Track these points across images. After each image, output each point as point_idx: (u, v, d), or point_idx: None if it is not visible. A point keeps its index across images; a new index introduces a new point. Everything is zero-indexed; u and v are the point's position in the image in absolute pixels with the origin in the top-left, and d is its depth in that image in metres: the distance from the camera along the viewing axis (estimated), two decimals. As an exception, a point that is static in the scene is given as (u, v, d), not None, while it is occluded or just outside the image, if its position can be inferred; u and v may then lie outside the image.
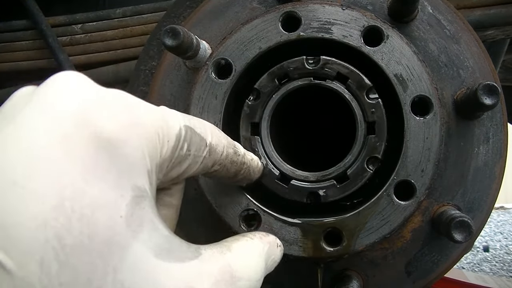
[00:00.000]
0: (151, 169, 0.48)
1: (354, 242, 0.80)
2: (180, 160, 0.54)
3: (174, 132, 0.52)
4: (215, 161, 0.61)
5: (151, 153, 0.48)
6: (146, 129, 0.48)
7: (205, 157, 0.58)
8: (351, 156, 0.81)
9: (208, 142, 0.58)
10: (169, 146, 0.51)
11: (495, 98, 0.76)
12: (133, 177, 0.45)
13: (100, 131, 0.44)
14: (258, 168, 0.75)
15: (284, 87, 0.83)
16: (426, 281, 0.88)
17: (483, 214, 0.87)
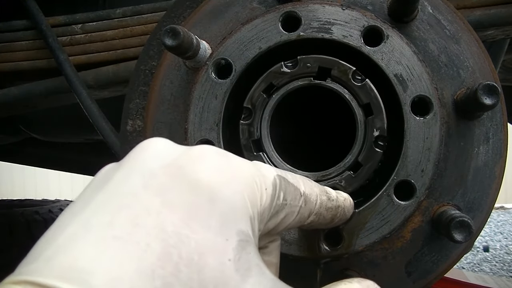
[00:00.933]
0: (253, 215, 0.48)
1: (354, 242, 0.80)
2: (277, 210, 0.53)
3: (271, 180, 0.52)
4: (311, 211, 0.60)
5: (251, 200, 0.48)
6: (244, 177, 0.48)
7: (301, 206, 0.57)
8: (351, 156, 0.81)
9: (302, 191, 0.57)
10: (267, 194, 0.50)
11: (495, 98, 0.76)
12: (236, 221, 0.45)
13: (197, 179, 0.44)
14: (351, 205, 0.73)
15: (284, 87, 0.83)
16: (426, 281, 0.87)
17: (483, 214, 0.87)
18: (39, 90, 1.42)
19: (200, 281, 0.40)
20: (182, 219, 0.42)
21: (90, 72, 1.38)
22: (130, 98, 1.02)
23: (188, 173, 0.45)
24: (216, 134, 0.84)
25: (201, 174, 0.45)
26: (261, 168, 0.53)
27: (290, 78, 0.82)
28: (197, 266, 0.40)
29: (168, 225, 0.41)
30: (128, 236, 0.39)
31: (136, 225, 0.40)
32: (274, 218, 0.53)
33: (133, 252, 0.39)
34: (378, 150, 0.80)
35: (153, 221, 0.41)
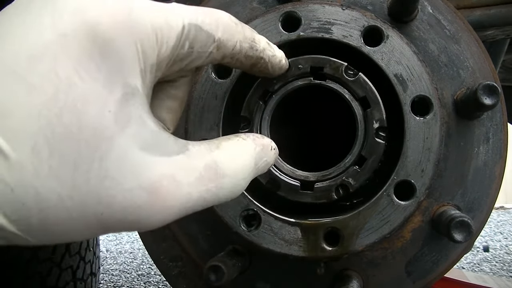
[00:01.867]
0: (144, 68, 0.49)
1: (354, 242, 0.80)
2: (181, 58, 0.54)
3: (175, 32, 0.52)
4: (225, 55, 0.60)
5: (146, 53, 0.49)
6: (143, 29, 0.48)
7: (211, 52, 0.57)
8: (351, 156, 0.81)
9: (217, 37, 0.57)
10: (168, 46, 0.51)
11: (495, 98, 0.76)
12: (124, 75, 0.47)
13: (96, 28, 0.45)
14: (279, 65, 0.72)
15: (284, 87, 0.83)
16: (426, 281, 0.88)
17: (483, 214, 0.87)
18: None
19: (79, 127, 0.43)
20: (75, 67, 0.44)
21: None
22: (130, 98, 1.02)
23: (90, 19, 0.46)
24: (216, 134, 0.84)
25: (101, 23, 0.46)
26: (171, 16, 0.52)
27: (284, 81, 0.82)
28: (78, 112, 0.44)
29: (61, 71, 0.44)
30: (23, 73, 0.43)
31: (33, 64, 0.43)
32: (177, 63, 0.54)
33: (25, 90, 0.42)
34: (380, 141, 0.80)
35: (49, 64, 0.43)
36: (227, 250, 0.86)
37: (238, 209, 0.81)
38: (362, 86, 0.80)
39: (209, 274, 0.77)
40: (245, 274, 0.88)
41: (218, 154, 0.55)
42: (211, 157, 0.54)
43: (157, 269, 3.38)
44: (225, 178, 0.55)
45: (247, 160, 0.60)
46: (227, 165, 0.56)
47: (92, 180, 0.44)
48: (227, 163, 0.56)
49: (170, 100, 0.62)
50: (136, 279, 4.88)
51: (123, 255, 6.10)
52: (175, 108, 0.63)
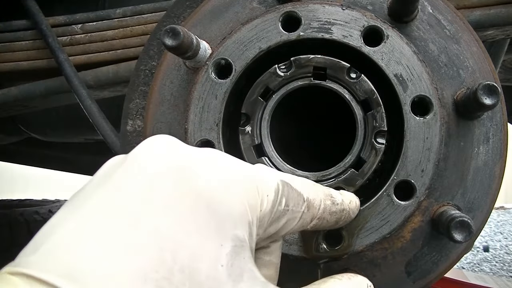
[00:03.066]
0: (252, 221, 0.48)
1: (354, 242, 0.80)
2: (278, 216, 0.53)
3: (273, 186, 0.52)
4: (314, 216, 0.59)
5: (251, 206, 0.48)
6: (245, 183, 0.48)
7: (303, 212, 0.57)
8: (351, 156, 0.81)
9: (306, 197, 0.57)
10: (268, 200, 0.51)
11: (495, 98, 0.76)
12: (233, 227, 0.45)
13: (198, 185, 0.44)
14: (357, 207, 0.72)
15: (284, 87, 0.83)
16: (426, 281, 0.87)
17: (483, 214, 0.87)
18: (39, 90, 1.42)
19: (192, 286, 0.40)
20: (179, 223, 0.42)
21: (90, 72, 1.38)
22: (130, 98, 1.02)
23: (189, 177, 0.45)
24: (216, 134, 0.84)
25: (202, 178, 0.45)
26: (264, 173, 0.53)
27: (287, 80, 0.82)
28: (189, 271, 0.40)
29: (164, 229, 0.41)
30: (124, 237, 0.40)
31: (133, 227, 0.41)
32: (275, 223, 0.53)
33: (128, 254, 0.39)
34: (379, 145, 0.80)
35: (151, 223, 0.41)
36: (227, 250, 0.86)
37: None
38: (364, 88, 0.80)
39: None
40: (245, 274, 0.88)
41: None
42: None
43: (157, 269, 3.35)
44: None
45: None
46: None
47: None
48: None
49: (266, 268, 0.61)
50: (136, 279, 4.86)
51: (123, 255, 6.08)
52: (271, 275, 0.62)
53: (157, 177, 0.44)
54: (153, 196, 0.43)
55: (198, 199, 0.44)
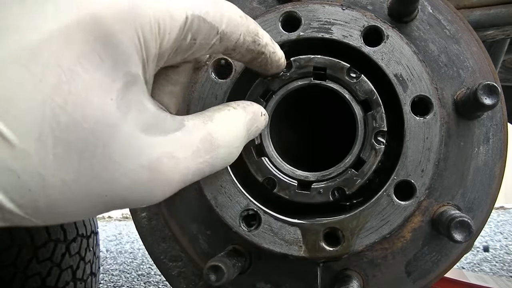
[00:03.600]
0: (146, 58, 0.51)
1: (354, 242, 0.80)
2: (184, 49, 0.55)
3: (178, 24, 0.52)
4: (227, 47, 0.61)
5: (148, 44, 0.50)
6: (145, 20, 0.49)
7: (214, 43, 0.58)
8: (351, 156, 0.81)
9: (221, 30, 0.58)
10: (170, 37, 0.52)
11: (495, 98, 0.76)
12: (126, 65, 0.48)
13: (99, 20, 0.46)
14: (278, 63, 0.73)
15: (284, 87, 0.83)
16: (426, 281, 0.88)
17: (483, 214, 0.87)
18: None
19: (83, 116, 0.45)
20: (78, 57, 0.45)
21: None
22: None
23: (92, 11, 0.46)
24: (216, 134, 0.84)
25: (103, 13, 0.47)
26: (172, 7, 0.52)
27: (287, 80, 0.82)
28: (82, 102, 0.45)
29: (64, 61, 0.45)
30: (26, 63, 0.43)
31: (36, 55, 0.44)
32: (179, 54, 0.56)
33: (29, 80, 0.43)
34: (379, 145, 0.80)
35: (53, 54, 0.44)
36: (227, 250, 0.86)
37: (238, 209, 0.81)
38: (364, 89, 0.80)
39: (209, 274, 0.77)
40: (245, 274, 0.88)
41: (213, 126, 0.58)
42: (206, 130, 0.57)
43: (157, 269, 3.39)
44: (219, 149, 0.58)
45: (239, 129, 0.63)
46: (221, 136, 0.59)
47: (96, 165, 0.46)
48: (221, 134, 0.59)
49: (172, 85, 0.64)
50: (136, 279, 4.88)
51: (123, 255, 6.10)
52: (177, 92, 0.65)
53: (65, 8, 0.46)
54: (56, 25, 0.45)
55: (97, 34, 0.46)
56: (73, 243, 3.16)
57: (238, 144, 0.62)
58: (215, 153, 0.57)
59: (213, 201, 0.82)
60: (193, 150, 0.54)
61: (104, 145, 0.47)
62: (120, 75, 0.48)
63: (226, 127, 0.60)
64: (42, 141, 0.44)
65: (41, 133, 0.44)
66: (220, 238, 0.91)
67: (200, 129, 0.57)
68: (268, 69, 0.73)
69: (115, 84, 0.47)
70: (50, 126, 0.44)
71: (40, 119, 0.44)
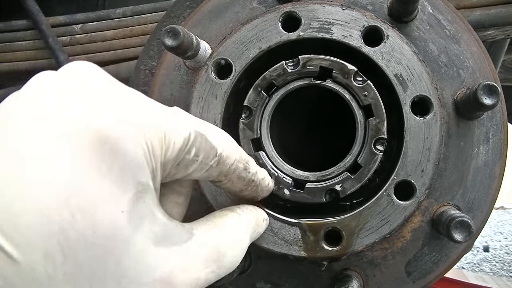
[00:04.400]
0: (155, 167, 0.50)
1: (354, 242, 0.80)
2: (186, 164, 0.55)
3: (182, 136, 0.53)
4: (221, 172, 0.61)
5: (155, 153, 0.49)
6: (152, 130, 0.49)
7: (211, 166, 0.58)
8: (351, 156, 0.81)
9: (219, 152, 0.58)
10: (174, 148, 0.52)
11: (495, 98, 0.76)
12: (135, 174, 0.47)
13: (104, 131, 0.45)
14: (267, 187, 0.75)
15: (284, 87, 0.83)
16: (426, 281, 0.87)
17: (483, 214, 0.87)
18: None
19: (94, 231, 0.42)
20: (84, 169, 0.43)
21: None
22: (130, 98, 1.02)
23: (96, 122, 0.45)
24: (216, 134, 0.84)
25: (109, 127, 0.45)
26: (178, 121, 0.53)
27: (291, 78, 0.82)
28: (91, 216, 0.42)
29: (69, 174, 0.42)
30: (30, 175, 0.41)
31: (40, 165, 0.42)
32: (182, 170, 0.55)
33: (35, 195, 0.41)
34: (377, 152, 0.80)
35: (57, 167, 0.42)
36: (227, 250, 0.86)
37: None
38: (369, 94, 0.80)
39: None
40: (245, 274, 0.88)
41: (219, 236, 0.59)
42: (214, 241, 0.57)
43: (157, 269, 3.36)
44: (226, 258, 0.58)
45: (244, 237, 0.63)
46: (227, 245, 0.59)
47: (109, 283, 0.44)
48: (227, 244, 0.59)
49: (176, 195, 0.63)
50: (136, 279, 4.87)
51: (123, 255, 6.08)
52: (181, 202, 0.64)
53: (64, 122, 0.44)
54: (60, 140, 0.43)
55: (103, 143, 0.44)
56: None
57: (242, 251, 0.62)
58: (221, 262, 0.57)
59: (213, 201, 0.82)
60: (202, 262, 0.54)
61: (117, 263, 0.44)
62: (130, 185, 0.46)
63: (232, 236, 0.61)
64: (50, 259, 0.41)
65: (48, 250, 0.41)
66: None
67: (209, 240, 0.57)
68: (258, 195, 0.74)
69: (126, 194, 0.45)
70: (59, 242, 0.41)
71: (47, 235, 0.41)
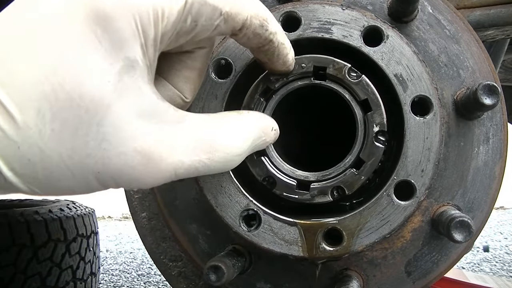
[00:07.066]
0: (145, 43, 0.52)
1: (354, 242, 0.80)
2: (185, 31, 0.56)
3: (177, 8, 0.53)
4: (234, 28, 0.60)
5: (145, 28, 0.51)
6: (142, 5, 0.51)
7: (218, 25, 0.58)
8: (351, 156, 0.81)
9: (224, 11, 0.57)
10: (168, 21, 0.53)
11: (495, 98, 0.76)
12: (124, 49, 0.50)
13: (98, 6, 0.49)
14: (286, 58, 0.72)
15: (284, 87, 0.83)
16: (426, 281, 0.88)
17: (483, 214, 0.87)
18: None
19: (80, 94, 0.47)
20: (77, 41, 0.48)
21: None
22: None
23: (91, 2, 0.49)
24: (216, 134, 0.84)
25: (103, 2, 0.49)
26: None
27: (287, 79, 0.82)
28: (80, 81, 0.47)
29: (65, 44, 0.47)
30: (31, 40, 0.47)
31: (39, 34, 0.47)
32: (182, 37, 0.56)
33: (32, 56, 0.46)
34: (379, 145, 0.80)
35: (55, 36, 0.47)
36: (227, 250, 0.86)
37: (238, 209, 0.81)
38: (365, 89, 0.80)
39: (209, 273, 0.77)
40: (245, 274, 0.89)
41: (216, 128, 0.58)
42: (208, 131, 0.57)
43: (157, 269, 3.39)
44: (218, 152, 0.57)
45: (245, 138, 0.62)
46: (223, 140, 0.58)
47: (91, 142, 0.48)
48: (223, 138, 0.58)
49: (188, 70, 0.64)
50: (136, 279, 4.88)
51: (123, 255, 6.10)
52: (193, 78, 0.65)
53: None
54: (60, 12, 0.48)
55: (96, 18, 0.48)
56: (73, 243, 3.17)
57: (240, 152, 0.61)
58: (212, 155, 0.57)
59: (213, 201, 0.82)
60: (190, 147, 0.55)
61: (98, 124, 0.48)
62: (119, 59, 0.49)
63: (229, 134, 0.60)
64: (41, 116, 0.46)
65: (40, 108, 0.46)
66: (220, 238, 0.91)
67: (202, 128, 0.57)
68: (275, 61, 0.71)
69: (113, 67, 0.49)
70: (49, 101, 0.46)
71: (40, 94, 0.46)
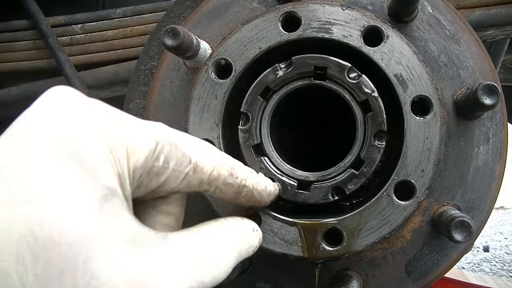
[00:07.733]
0: (121, 173, 0.51)
1: (354, 242, 0.80)
2: (157, 172, 0.55)
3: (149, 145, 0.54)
4: (202, 180, 0.60)
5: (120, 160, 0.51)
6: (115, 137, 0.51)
7: (187, 173, 0.58)
8: (351, 156, 0.81)
9: (193, 160, 0.58)
10: (140, 155, 0.53)
11: (495, 98, 0.76)
12: (102, 178, 0.49)
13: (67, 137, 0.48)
14: (266, 191, 0.72)
15: (284, 88, 0.83)
16: (426, 281, 0.88)
17: (483, 214, 0.87)
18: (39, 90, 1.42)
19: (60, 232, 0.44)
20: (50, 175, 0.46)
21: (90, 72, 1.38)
22: (130, 98, 1.02)
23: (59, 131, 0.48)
24: (216, 134, 0.84)
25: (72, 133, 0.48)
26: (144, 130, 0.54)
27: (287, 79, 0.82)
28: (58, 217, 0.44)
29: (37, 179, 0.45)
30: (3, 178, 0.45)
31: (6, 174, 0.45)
32: (155, 178, 0.55)
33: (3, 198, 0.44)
34: (379, 145, 0.80)
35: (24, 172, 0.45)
36: (227, 250, 0.86)
37: (238, 209, 0.81)
38: (364, 89, 0.80)
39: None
40: (245, 274, 0.88)
41: (197, 245, 0.56)
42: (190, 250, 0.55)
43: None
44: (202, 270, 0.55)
45: (228, 249, 0.60)
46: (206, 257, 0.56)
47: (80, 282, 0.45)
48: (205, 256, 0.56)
49: (163, 216, 0.62)
50: None
51: None
52: (171, 224, 0.63)
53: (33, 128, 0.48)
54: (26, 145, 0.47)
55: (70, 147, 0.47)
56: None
57: (226, 264, 0.58)
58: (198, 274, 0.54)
59: (213, 202, 0.82)
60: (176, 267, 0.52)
61: (85, 261, 0.45)
62: (97, 188, 0.48)
63: (212, 248, 0.58)
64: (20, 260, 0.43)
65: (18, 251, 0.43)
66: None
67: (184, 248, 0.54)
68: (258, 201, 0.71)
69: (92, 197, 0.47)
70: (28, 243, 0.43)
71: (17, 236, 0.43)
